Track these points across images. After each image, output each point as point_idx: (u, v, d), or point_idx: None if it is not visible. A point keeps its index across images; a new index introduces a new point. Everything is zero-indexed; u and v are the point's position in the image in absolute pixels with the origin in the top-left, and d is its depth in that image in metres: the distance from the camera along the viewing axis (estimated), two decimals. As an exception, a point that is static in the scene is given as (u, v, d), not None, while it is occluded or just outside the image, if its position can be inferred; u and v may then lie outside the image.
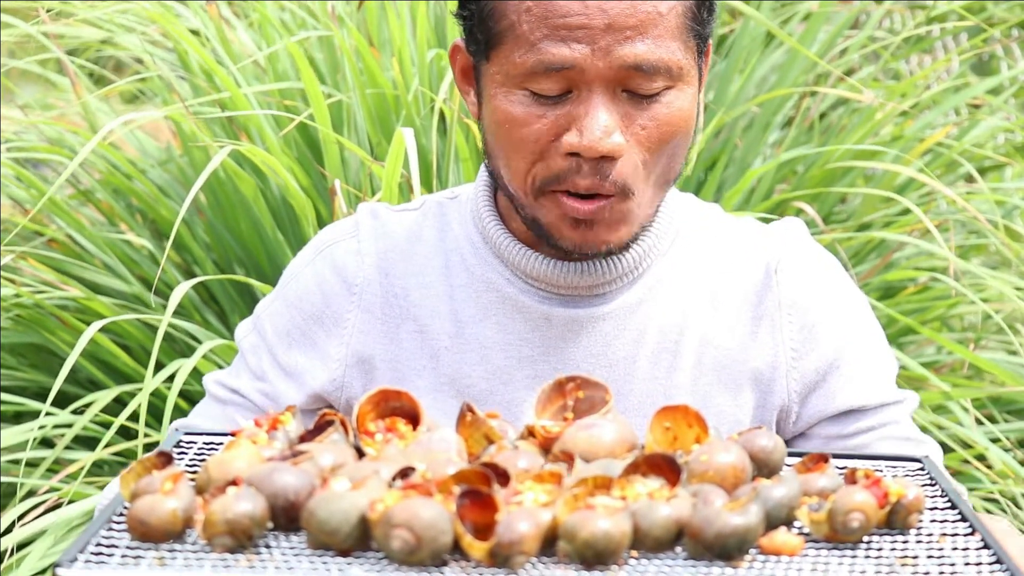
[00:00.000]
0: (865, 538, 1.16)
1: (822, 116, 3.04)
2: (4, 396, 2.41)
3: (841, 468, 1.31)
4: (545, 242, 1.45)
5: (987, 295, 2.60)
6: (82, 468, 2.23)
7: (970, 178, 2.96)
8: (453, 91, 2.36)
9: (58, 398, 2.45)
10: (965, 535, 1.18)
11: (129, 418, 2.17)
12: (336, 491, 1.11)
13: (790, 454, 1.30)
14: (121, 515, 1.16)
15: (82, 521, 2.17)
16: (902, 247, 2.74)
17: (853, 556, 1.13)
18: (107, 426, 2.32)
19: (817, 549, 1.15)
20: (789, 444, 1.54)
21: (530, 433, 1.28)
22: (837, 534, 1.15)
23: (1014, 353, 2.70)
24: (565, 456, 1.21)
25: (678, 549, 1.13)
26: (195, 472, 1.27)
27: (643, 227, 1.45)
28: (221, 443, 1.35)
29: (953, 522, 1.20)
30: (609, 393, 1.29)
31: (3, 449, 2.29)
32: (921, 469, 1.32)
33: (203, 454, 1.33)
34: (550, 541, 1.11)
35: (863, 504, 1.14)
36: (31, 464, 2.43)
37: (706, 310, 1.51)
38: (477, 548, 1.08)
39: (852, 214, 2.88)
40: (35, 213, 2.61)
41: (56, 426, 2.35)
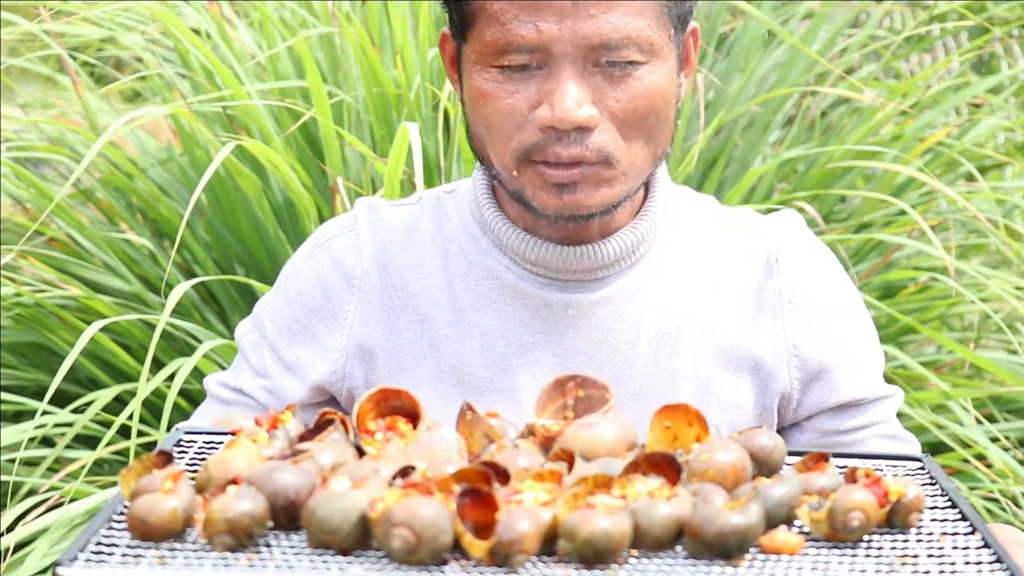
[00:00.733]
0: (865, 537, 1.16)
1: (822, 115, 3.03)
2: (4, 395, 2.41)
3: (841, 467, 1.31)
4: (533, 214, 1.46)
5: (987, 294, 2.59)
6: (83, 467, 2.23)
7: (970, 177, 2.96)
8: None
9: (59, 397, 2.45)
10: (965, 534, 1.18)
11: (129, 417, 2.17)
12: (336, 490, 1.12)
13: (790, 453, 1.30)
14: (121, 514, 1.16)
15: (82, 520, 2.17)
16: (902, 246, 2.74)
17: (853, 555, 1.14)
18: (108, 425, 2.32)
19: (817, 548, 1.15)
20: (787, 432, 1.55)
21: (530, 432, 1.28)
22: (837, 533, 1.15)
23: (1014, 352, 2.70)
24: (565, 455, 1.21)
25: (678, 548, 1.13)
26: (195, 471, 1.27)
27: (627, 198, 1.46)
28: (221, 442, 1.35)
29: (953, 521, 1.21)
30: (610, 392, 1.29)
31: (3, 448, 2.29)
32: (921, 468, 1.33)
33: (203, 453, 1.33)
34: (550, 540, 1.11)
35: (863, 503, 1.14)
36: (31, 463, 2.43)
37: (707, 297, 1.52)
38: (477, 547, 1.08)
39: (852, 213, 2.88)
40: (37, 213, 2.61)
41: (56, 425, 2.35)
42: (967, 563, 1.13)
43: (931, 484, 1.29)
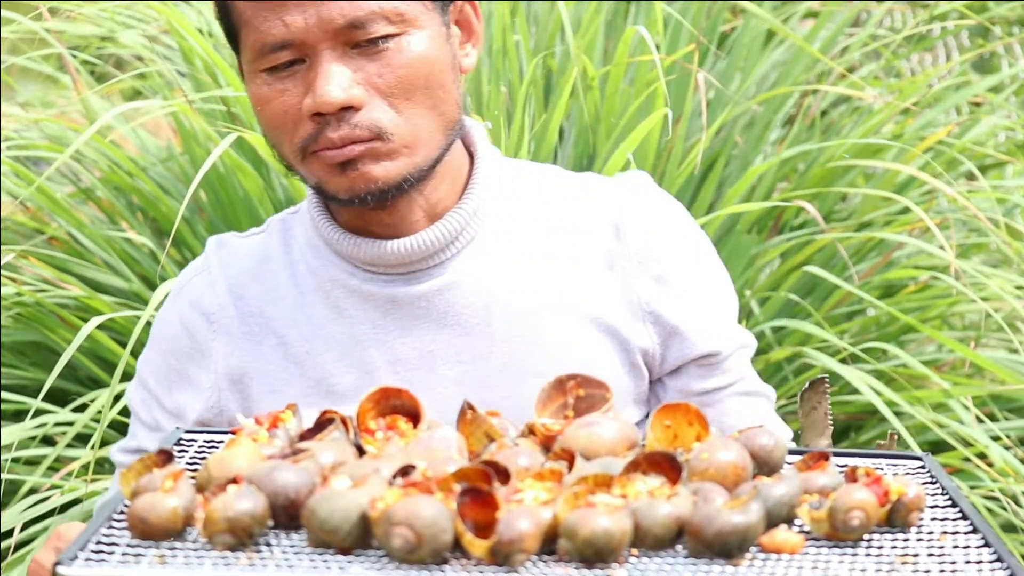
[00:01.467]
0: (865, 536, 1.16)
1: (823, 114, 3.03)
2: (5, 394, 2.41)
3: (841, 466, 1.31)
4: (332, 200, 1.49)
5: (988, 293, 2.59)
6: (86, 465, 2.23)
7: (971, 176, 2.96)
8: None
9: (60, 396, 2.45)
10: (966, 533, 1.18)
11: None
12: (337, 489, 1.12)
13: (790, 452, 1.30)
14: (122, 513, 1.16)
15: (83, 519, 2.17)
16: (903, 245, 2.73)
17: (854, 554, 1.14)
18: (109, 424, 2.32)
19: (818, 547, 1.15)
20: (650, 389, 1.58)
21: (531, 431, 1.28)
22: (837, 532, 1.15)
23: (1015, 351, 2.70)
24: (565, 454, 1.21)
25: (679, 547, 1.13)
26: (195, 470, 1.27)
27: (424, 171, 1.47)
28: (221, 441, 1.35)
29: (954, 520, 1.21)
30: (610, 391, 1.29)
31: (4, 447, 2.29)
32: (922, 467, 1.33)
33: (203, 452, 1.33)
34: (551, 539, 1.11)
35: (863, 502, 1.14)
36: (32, 462, 2.43)
37: (555, 265, 1.54)
38: (478, 546, 1.08)
39: (853, 212, 2.88)
40: (33, 208, 2.61)
41: (57, 424, 2.35)
42: (967, 562, 1.12)
43: (931, 483, 1.29)
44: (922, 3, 3.36)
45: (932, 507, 1.23)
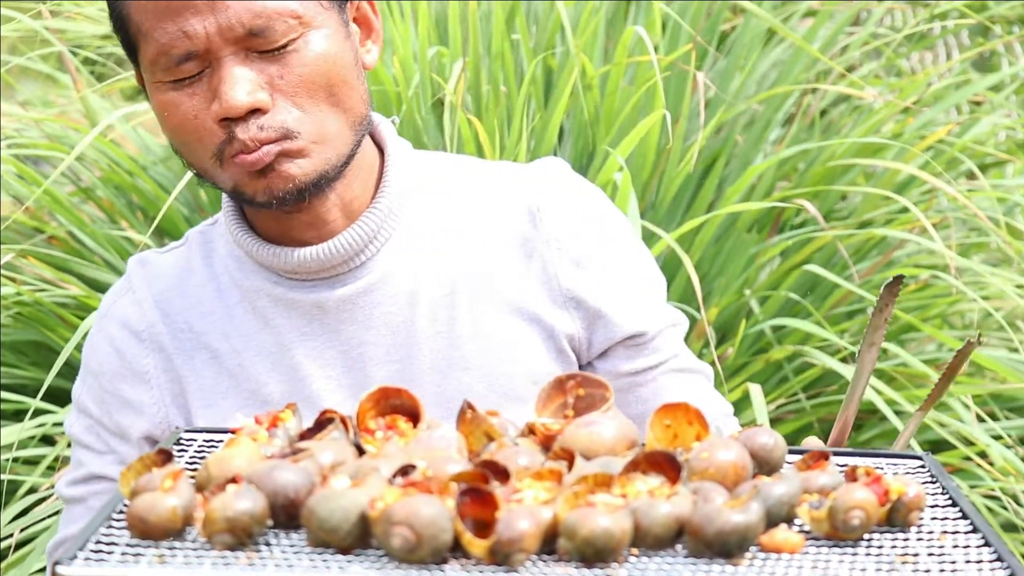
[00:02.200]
0: (866, 536, 1.16)
1: (823, 113, 3.03)
2: (4, 394, 2.41)
3: (842, 465, 1.31)
4: (249, 203, 1.48)
5: (988, 292, 2.60)
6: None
7: (971, 175, 2.96)
8: (456, 87, 2.36)
9: (60, 395, 2.45)
10: (966, 533, 1.18)
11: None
12: (336, 489, 1.11)
13: (790, 451, 1.30)
14: (121, 512, 1.16)
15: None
16: (903, 244, 2.74)
17: (854, 554, 1.13)
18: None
19: (818, 547, 1.14)
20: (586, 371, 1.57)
21: (530, 431, 1.28)
22: (838, 532, 1.15)
23: (1015, 350, 2.70)
24: (565, 453, 1.21)
25: (678, 547, 1.13)
26: (195, 469, 1.27)
27: (337, 168, 1.47)
28: (221, 440, 1.35)
29: (954, 519, 1.20)
30: (610, 391, 1.29)
31: (4, 447, 2.29)
32: (922, 466, 1.32)
33: (203, 451, 1.33)
34: (550, 539, 1.11)
35: (864, 502, 1.14)
36: (32, 462, 2.43)
37: (474, 256, 1.54)
38: (477, 546, 1.08)
39: (853, 211, 2.88)
40: (34, 209, 2.61)
41: (57, 424, 2.35)
42: (967, 561, 1.12)
43: (932, 482, 1.28)
44: (922, 2, 3.36)
45: (932, 507, 1.23)
